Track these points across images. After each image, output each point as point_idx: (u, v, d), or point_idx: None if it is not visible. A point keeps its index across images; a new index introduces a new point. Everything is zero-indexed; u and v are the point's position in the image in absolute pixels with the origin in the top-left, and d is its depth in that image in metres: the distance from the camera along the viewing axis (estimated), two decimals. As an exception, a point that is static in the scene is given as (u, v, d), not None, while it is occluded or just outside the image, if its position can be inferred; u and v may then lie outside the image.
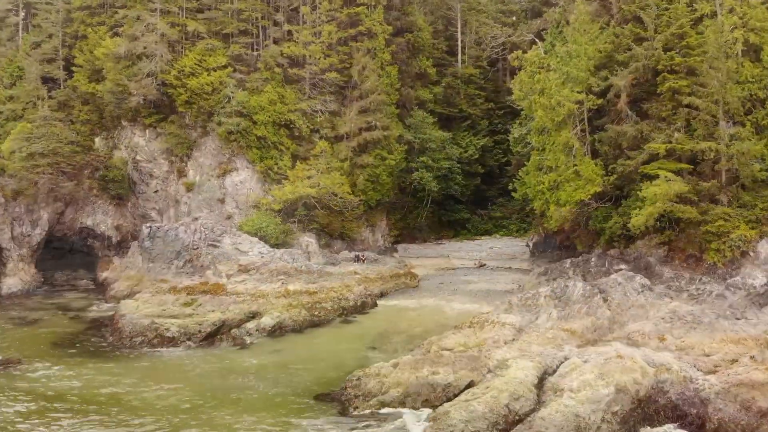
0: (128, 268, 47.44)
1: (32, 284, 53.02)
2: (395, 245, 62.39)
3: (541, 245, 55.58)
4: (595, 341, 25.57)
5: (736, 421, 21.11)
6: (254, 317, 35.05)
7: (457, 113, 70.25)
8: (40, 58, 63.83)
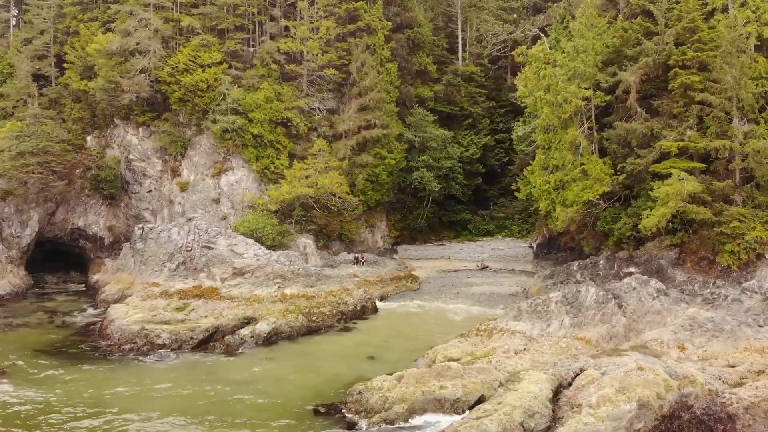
0: (120, 270, 45.81)
1: (21, 287, 51.50)
2: (395, 246, 60.94)
3: (544, 247, 54.30)
4: (611, 351, 24.09)
5: (766, 438, 19.73)
6: (249, 323, 33.46)
7: (458, 111, 68.72)
8: (31, 54, 62.42)
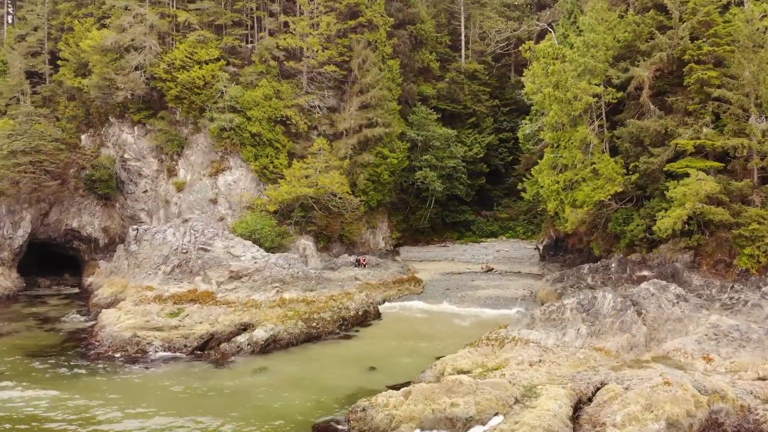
0: (113, 273, 44.32)
1: (13, 290, 50.22)
2: (397, 248, 59.42)
3: (551, 248, 52.84)
4: (632, 362, 22.59)
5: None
6: (246, 329, 31.93)
7: (461, 110, 67.18)
8: (24, 51, 60.96)
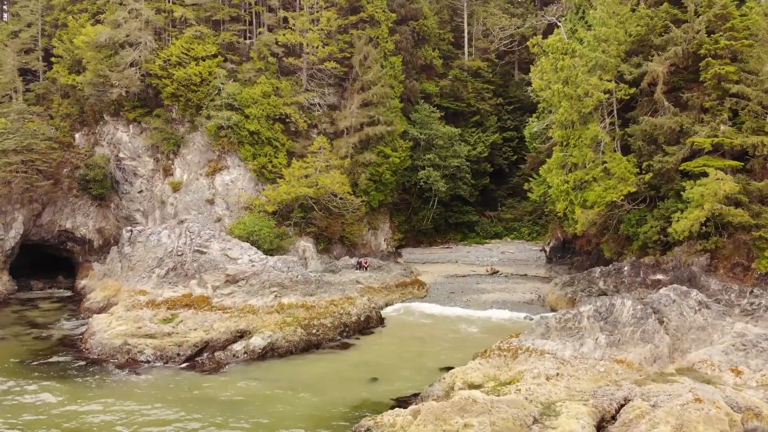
0: (106, 276, 42.82)
1: (4, 293, 48.65)
2: (399, 249, 57.92)
3: (558, 250, 51.39)
4: (656, 375, 21.12)
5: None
6: (242, 337, 30.42)
7: (464, 108, 65.66)
8: (18, 48, 59.48)
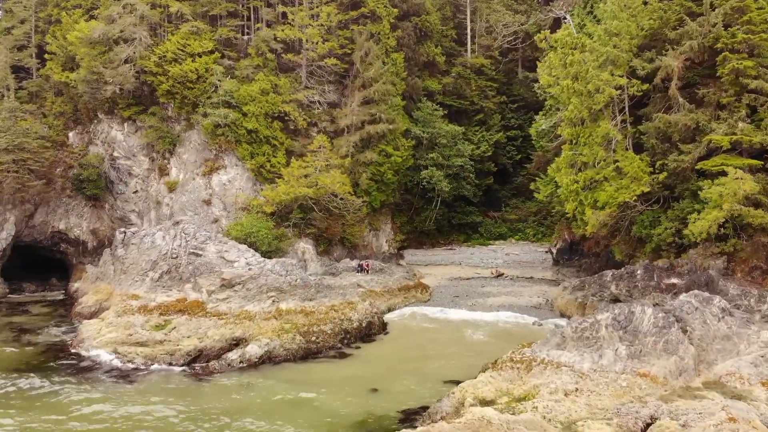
0: (99, 279, 41.40)
1: (-5, 296, 47.45)
2: (401, 251, 56.41)
3: (565, 252, 49.91)
4: (681, 390, 19.66)
5: None
6: (238, 345, 28.98)
7: (468, 106, 64.09)
8: (11, 45, 58.16)
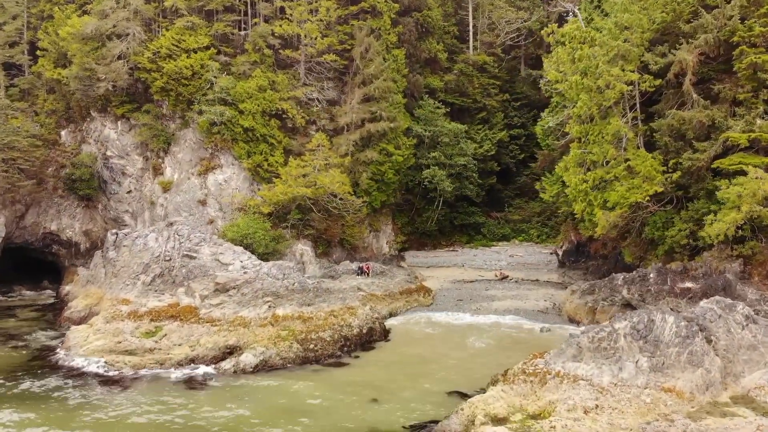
0: (90, 282, 39.91)
1: (-17, 299, 46.01)
2: (402, 253, 54.99)
3: (571, 254, 48.51)
4: (709, 405, 18.23)
5: None
6: (232, 353, 27.52)
7: (470, 104, 62.65)
8: (1, 41, 56.81)
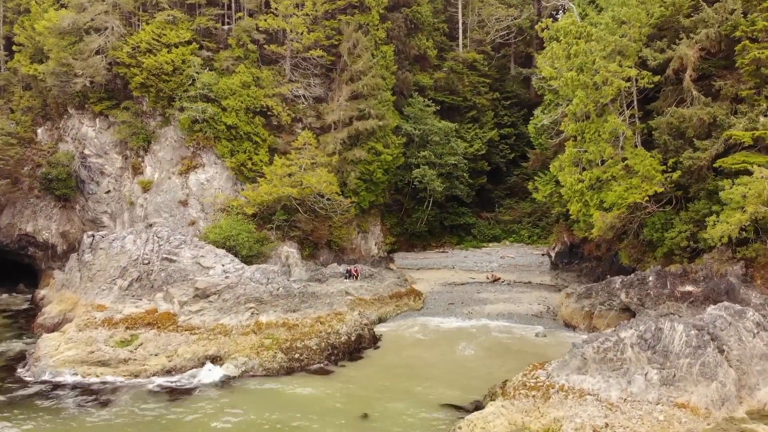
0: (65, 286, 38.16)
1: (-46, 304, 44.12)
2: (391, 254, 53.54)
3: (564, 255, 47.33)
4: (725, 422, 17.00)
5: None
6: (212, 363, 25.90)
7: (460, 102, 61.32)
8: (-24, 36, 54.94)
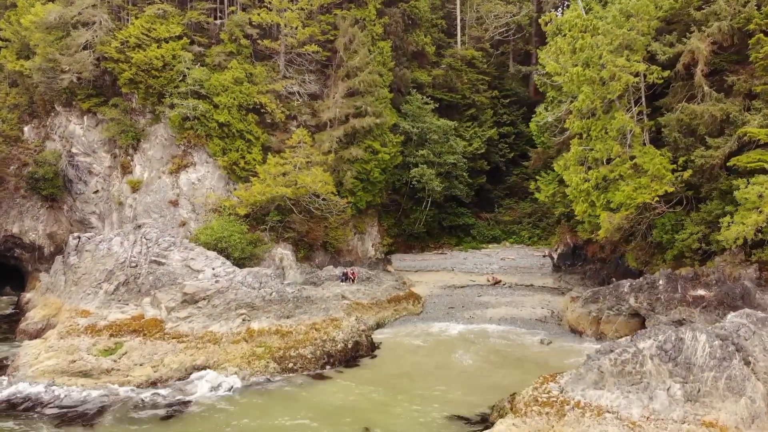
0: (50, 290, 36.71)
1: (-64, 308, 42.62)
2: (388, 256, 52.20)
3: (567, 257, 46.10)
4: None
5: None
6: (200, 373, 24.45)
7: (459, 100, 59.98)
8: (-39, 31, 53.37)
